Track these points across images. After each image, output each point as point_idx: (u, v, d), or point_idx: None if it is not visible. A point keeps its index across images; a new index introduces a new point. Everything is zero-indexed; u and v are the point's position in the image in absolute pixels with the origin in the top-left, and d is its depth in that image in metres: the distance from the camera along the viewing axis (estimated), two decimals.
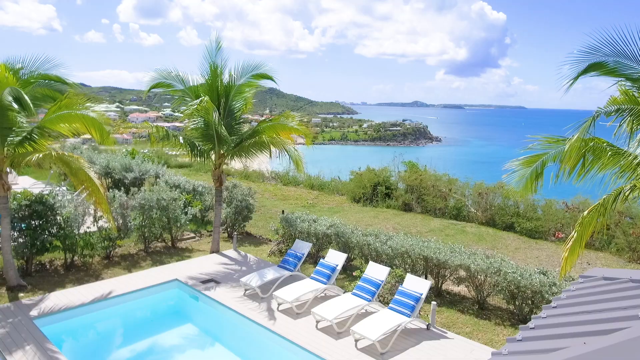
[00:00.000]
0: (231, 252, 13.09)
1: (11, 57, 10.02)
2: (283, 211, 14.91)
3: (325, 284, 10.01)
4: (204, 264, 12.05)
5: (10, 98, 9.00)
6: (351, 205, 21.24)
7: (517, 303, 9.46)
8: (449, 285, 11.05)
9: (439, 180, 20.52)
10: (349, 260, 12.07)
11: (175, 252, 13.18)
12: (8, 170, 10.09)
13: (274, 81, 13.34)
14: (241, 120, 13.55)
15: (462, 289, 10.95)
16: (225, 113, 12.87)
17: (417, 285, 8.93)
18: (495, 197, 18.60)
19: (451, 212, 19.21)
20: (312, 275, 10.40)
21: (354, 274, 10.91)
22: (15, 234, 10.45)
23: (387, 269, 9.63)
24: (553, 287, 8.82)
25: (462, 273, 10.24)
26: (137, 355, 8.79)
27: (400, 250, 10.74)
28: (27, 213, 10.52)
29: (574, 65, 7.03)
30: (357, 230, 12.13)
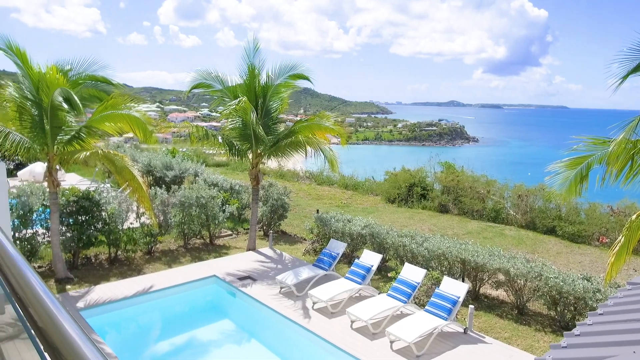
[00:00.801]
0: (267, 250, 13.27)
1: (61, 59, 10.49)
2: (317, 210, 14.98)
3: (360, 284, 10.01)
4: (240, 261, 12.27)
5: (60, 98, 9.43)
6: (386, 205, 21.10)
7: (558, 309, 9.17)
8: (487, 289, 10.82)
9: (476, 181, 20.10)
10: (383, 261, 12.01)
11: (213, 248, 13.48)
12: (57, 167, 10.59)
13: (310, 81, 13.43)
14: (278, 120, 13.73)
15: (500, 293, 10.70)
16: (263, 113, 13.05)
17: (455, 288, 8.79)
18: (535, 200, 18.06)
19: (489, 214, 18.79)
20: (346, 275, 10.42)
21: (389, 275, 10.85)
22: (64, 228, 10.95)
23: (423, 271, 9.53)
24: (597, 294, 8.49)
25: (501, 277, 10.00)
26: (177, 349, 9.06)
27: (437, 252, 10.60)
28: (74, 209, 11.01)
29: (623, 63, 6.75)
30: (393, 231, 12.05)
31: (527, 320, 9.51)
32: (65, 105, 9.66)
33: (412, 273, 9.58)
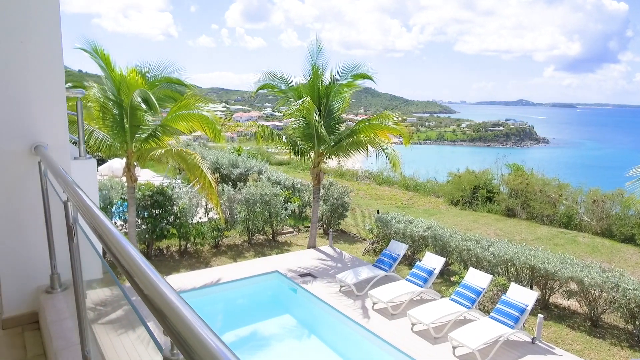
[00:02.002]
0: (327, 249, 13.41)
1: (140, 62, 11.20)
2: (378, 211, 14.92)
3: (421, 286, 9.86)
4: (301, 258, 12.50)
5: (139, 99, 10.09)
6: (448, 207, 20.59)
7: (637, 323, 8.54)
8: (558, 299, 10.28)
9: (547, 184, 19.10)
10: (446, 264, 11.75)
11: (275, 245, 13.83)
12: (135, 163, 11.32)
13: (374, 81, 13.39)
14: (339, 120, 13.82)
15: (572, 304, 10.13)
16: (325, 113, 13.20)
17: (523, 295, 8.44)
18: (613, 206, 16.87)
19: (561, 219, 17.79)
20: (407, 277, 10.31)
21: (452, 279, 10.61)
22: (139, 221, 11.69)
23: (489, 277, 9.23)
24: None
25: (573, 286, 9.47)
26: (241, 340, 9.40)
27: (504, 258, 10.21)
28: (149, 203, 11.72)
29: None
30: (456, 234, 11.75)
31: (602, 333, 8.94)
32: (143, 106, 10.31)
33: (476, 278, 9.31)
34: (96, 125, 10.57)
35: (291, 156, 13.51)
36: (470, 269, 9.74)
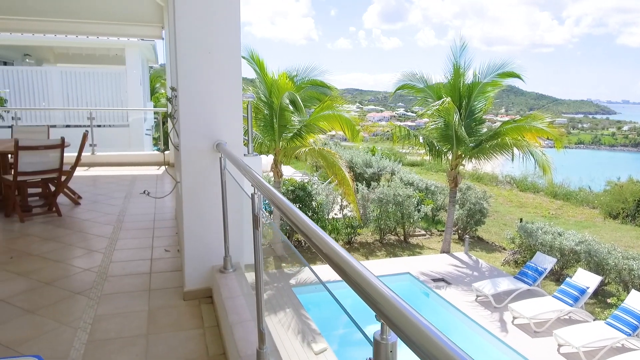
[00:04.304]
0: (462, 255, 12.90)
1: (289, 67, 12.05)
2: (521, 219, 13.90)
3: (571, 305, 8.95)
4: (434, 262, 12.22)
5: (287, 101, 10.86)
6: (605, 221, 18.27)
7: None
8: None
9: None
10: (602, 284, 10.48)
11: (406, 246, 13.74)
12: (280, 160, 12.20)
13: (522, 79, 12.52)
14: (481, 121, 13.18)
15: None
16: (466, 114, 12.70)
17: None
18: None
19: None
20: (554, 293, 9.43)
21: (609, 300, 9.45)
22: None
23: None
24: None
25: None
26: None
27: None
28: (291, 197, 12.54)
29: None
30: (616, 250, 10.42)
31: None
32: (290, 107, 11.07)
33: None
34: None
35: (428, 157, 13.28)
36: (633, 291, 8.56)
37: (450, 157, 12.96)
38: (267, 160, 14.68)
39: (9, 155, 5.78)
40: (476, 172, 26.42)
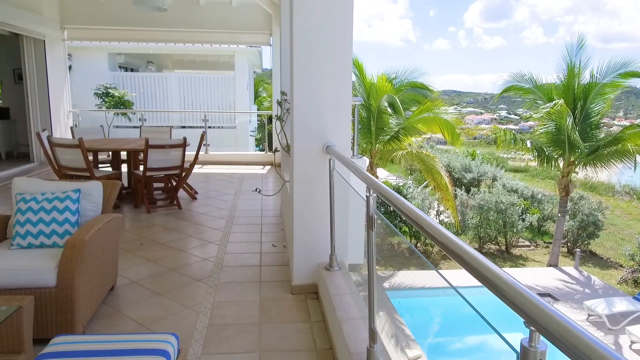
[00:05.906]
0: (571, 270, 11.89)
1: (387, 69, 12.05)
2: None
3: None
4: (539, 275, 11.42)
5: (386, 103, 10.85)
6: None
7: None
8: None
9: None
10: None
11: (508, 257, 13.00)
12: (376, 163, 12.21)
13: None
14: (598, 125, 12.06)
15: None
16: (581, 117, 11.70)
17: None
18: None
19: None
20: None
21: None
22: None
23: None
24: None
25: None
26: (465, 348, 9.19)
27: None
28: None
29: None
30: None
31: None
32: (389, 109, 11.05)
33: None
34: None
35: (533, 163, 12.46)
36: None
37: (561, 164, 12.03)
38: (364, 162, 14.72)
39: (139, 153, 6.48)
40: (589, 180, 24.13)
